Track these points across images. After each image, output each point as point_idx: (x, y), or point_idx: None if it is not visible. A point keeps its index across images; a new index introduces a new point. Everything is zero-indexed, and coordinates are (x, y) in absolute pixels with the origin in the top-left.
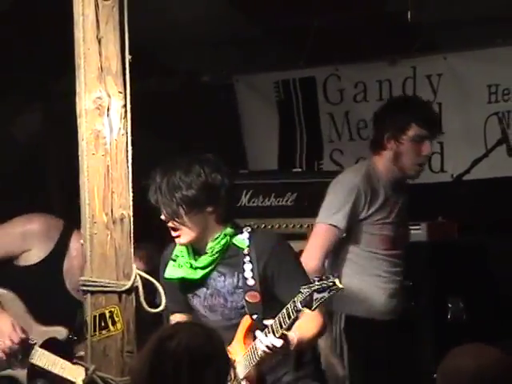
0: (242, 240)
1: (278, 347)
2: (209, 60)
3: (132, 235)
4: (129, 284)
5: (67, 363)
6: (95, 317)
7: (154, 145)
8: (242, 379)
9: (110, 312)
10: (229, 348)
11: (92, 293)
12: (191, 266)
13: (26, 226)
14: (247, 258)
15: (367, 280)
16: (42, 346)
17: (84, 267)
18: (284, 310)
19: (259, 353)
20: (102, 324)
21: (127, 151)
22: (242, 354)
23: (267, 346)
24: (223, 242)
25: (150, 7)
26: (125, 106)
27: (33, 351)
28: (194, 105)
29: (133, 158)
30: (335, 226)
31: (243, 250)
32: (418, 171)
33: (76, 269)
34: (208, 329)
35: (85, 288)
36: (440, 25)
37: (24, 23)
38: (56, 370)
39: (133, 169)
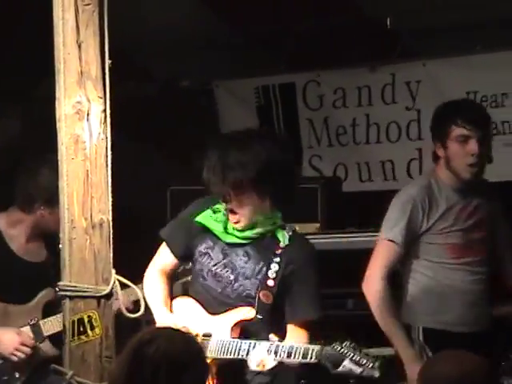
0: (283, 235)
1: (266, 368)
2: (189, 65)
3: (111, 240)
4: (108, 289)
5: None
6: (73, 322)
7: (133, 150)
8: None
9: (89, 317)
10: (209, 318)
11: (70, 298)
12: (225, 228)
13: None
14: (278, 258)
15: (439, 291)
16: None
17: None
18: (303, 346)
19: (243, 354)
20: (81, 329)
21: (107, 156)
22: (220, 336)
23: (259, 361)
24: (270, 226)
25: (130, 12)
26: (104, 110)
27: (40, 326)
28: (174, 110)
29: (112, 163)
30: (393, 241)
31: (279, 244)
32: (471, 172)
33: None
34: (186, 335)
35: (63, 293)
36: (419, 32)
37: (3, 26)
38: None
39: (112, 173)
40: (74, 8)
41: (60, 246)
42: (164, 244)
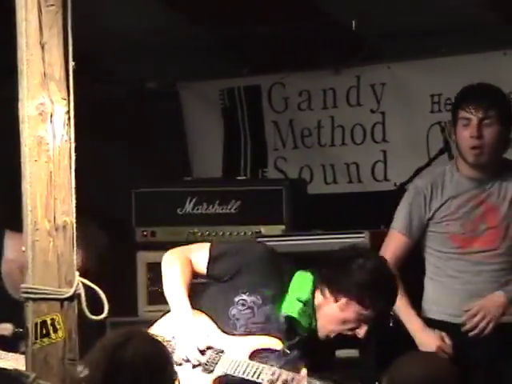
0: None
1: None
2: (154, 67)
3: (75, 242)
4: (71, 291)
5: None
6: (36, 324)
7: (98, 152)
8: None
9: (52, 319)
10: (223, 335)
11: (34, 300)
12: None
13: None
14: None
15: (443, 281)
16: None
17: (25, 273)
18: None
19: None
20: (44, 331)
21: (70, 158)
22: (239, 356)
23: None
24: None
25: (94, 14)
26: (68, 112)
27: None
28: (139, 112)
29: (76, 165)
30: (396, 230)
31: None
32: (474, 155)
33: (16, 274)
34: (155, 336)
35: (26, 295)
36: (384, 34)
37: None
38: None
39: (76, 175)
40: (38, 9)
41: (23, 248)
42: (207, 251)
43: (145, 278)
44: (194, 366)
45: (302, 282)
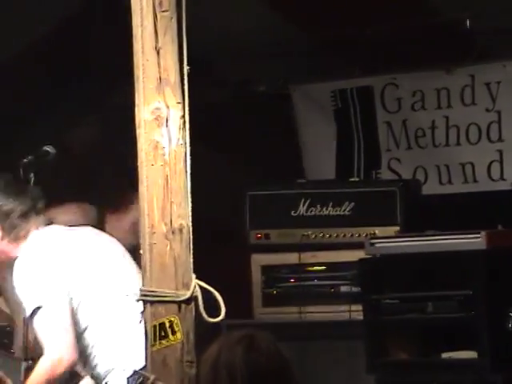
0: None
1: None
2: (264, 70)
3: (191, 245)
4: (188, 294)
5: None
6: (155, 326)
7: (211, 155)
8: None
9: (170, 322)
10: None
11: (151, 303)
12: None
13: None
14: None
15: None
16: None
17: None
18: None
19: None
20: (162, 334)
21: (186, 161)
22: None
23: None
24: None
25: (206, 19)
26: (183, 116)
27: None
28: (251, 115)
29: (191, 169)
30: None
31: None
32: None
33: None
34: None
35: (144, 298)
36: (498, 33)
37: (82, 35)
38: None
39: (191, 179)
40: (153, 15)
41: (141, 251)
42: None
43: (259, 281)
44: None
45: None
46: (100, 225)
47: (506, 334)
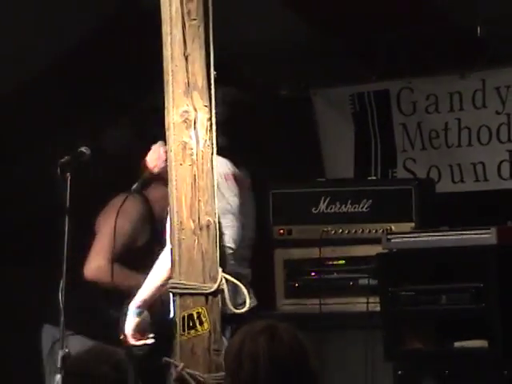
0: None
1: None
2: (287, 74)
3: (218, 240)
4: (215, 286)
5: None
6: (184, 317)
7: (234, 156)
8: None
9: (198, 313)
10: None
11: (181, 295)
12: None
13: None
14: None
15: None
16: None
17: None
18: None
19: None
20: (190, 324)
21: (212, 161)
22: None
23: None
24: None
25: (231, 25)
26: (210, 119)
27: None
28: (274, 117)
29: None
30: None
31: None
32: None
33: None
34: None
35: (174, 290)
36: (509, 38)
37: (117, 41)
38: None
39: None
40: (181, 23)
41: (170, 246)
42: None
43: (282, 274)
44: None
45: None
46: None
47: None
